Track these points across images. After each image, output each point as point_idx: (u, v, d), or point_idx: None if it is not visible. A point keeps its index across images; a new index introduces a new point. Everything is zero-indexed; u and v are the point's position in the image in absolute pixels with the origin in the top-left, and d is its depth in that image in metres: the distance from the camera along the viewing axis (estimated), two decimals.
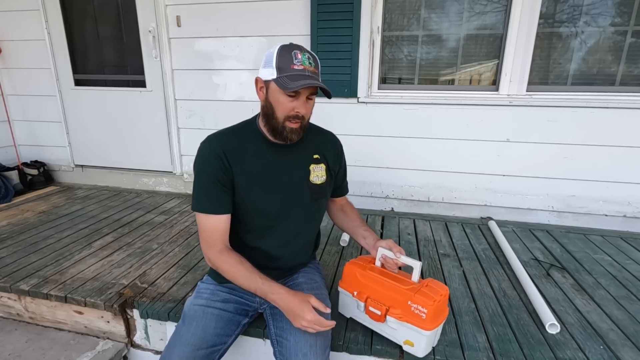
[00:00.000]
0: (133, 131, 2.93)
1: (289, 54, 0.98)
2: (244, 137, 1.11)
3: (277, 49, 0.99)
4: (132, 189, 3.03)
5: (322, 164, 1.19)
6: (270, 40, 2.45)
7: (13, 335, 1.57)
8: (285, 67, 0.97)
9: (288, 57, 0.98)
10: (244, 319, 1.20)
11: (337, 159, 1.25)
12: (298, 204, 1.15)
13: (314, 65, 1.01)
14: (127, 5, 2.65)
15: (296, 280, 1.26)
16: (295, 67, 0.97)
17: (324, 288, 1.28)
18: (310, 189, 1.16)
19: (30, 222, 2.30)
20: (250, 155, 1.09)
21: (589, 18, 2.11)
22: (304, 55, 0.99)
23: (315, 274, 1.31)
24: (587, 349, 1.24)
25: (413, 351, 1.17)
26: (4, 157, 3.07)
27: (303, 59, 0.98)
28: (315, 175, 1.17)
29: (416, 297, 1.09)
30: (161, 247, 1.97)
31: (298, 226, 1.19)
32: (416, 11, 2.31)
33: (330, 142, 1.25)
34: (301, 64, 0.98)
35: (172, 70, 2.68)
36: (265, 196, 1.11)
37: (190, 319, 1.11)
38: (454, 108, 2.33)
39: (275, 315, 1.15)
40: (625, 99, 2.12)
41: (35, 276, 1.66)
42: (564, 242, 2.09)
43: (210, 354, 1.07)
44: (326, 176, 1.20)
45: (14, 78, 3.03)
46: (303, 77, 0.97)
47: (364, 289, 1.22)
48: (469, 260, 1.87)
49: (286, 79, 0.96)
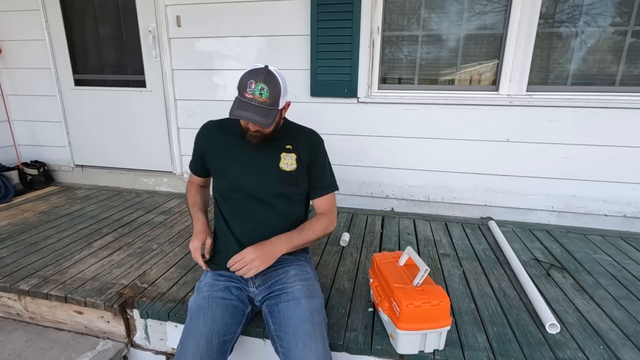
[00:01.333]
0: (133, 131, 2.93)
1: (247, 81, 1.10)
2: (231, 125, 1.29)
3: (247, 70, 1.12)
4: (132, 189, 3.03)
5: (292, 153, 1.27)
6: (270, 40, 2.45)
7: (13, 335, 1.57)
8: (241, 90, 1.11)
9: (245, 82, 1.10)
10: (247, 308, 1.25)
11: (310, 150, 1.30)
12: (267, 185, 1.26)
13: (265, 95, 1.10)
14: (127, 5, 2.65)
15: (288, 273, 1.26)
16: (246, 94, 1.10)
17: (315, 280, 1.31)
18: (279, 175, 1.26)
19: (30, 222, 2.30)
20: (230, 138, 1.29)
21: (589, 18, 2.11)
22: (257, 86, 1.09)
23: (306, 266, 1.34)
24: (587, 349, 1.24)
25: (393, 344, 1.24)
26: (4, 157, 3.07)
27: (255, 89, 1.09)
28: (285, 163, 1.27)
29: (397, 295, 1.17)
30: (161, 247, 1.97)
31: (268, 210, 1.26)
32: (416, 11, 2.31)
33: (305, 137, 1.33)
34: (251, 94, 1.09)
35: (172, 70, 2.68)
36: (237, 172, 1.26)
37: (197, 311, 1.14)
38: (454, 108, 2.33)
39: (273, 312, 1.17)
40: (625, 99, 2.12)
41: (35, 276, 1.66)
42: (564, 242, 2.09)
43: (223, 344, 1.10)
44: (296, 165, 1.27)
45: (14, 78, 3.03)
46: (247, 105, 1.10)
47: (377, 280, 1.38)
48: (469, 260, 1.87)
49: (235, 104, 1.12)
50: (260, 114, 1.10)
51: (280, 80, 1.12)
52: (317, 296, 1.22)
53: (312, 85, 2.43)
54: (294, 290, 1.19)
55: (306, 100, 2.48)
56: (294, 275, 1.25)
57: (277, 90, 1.11)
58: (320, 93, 2.44)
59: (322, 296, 1.25)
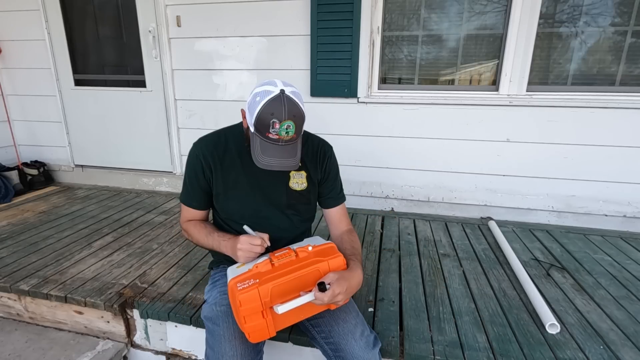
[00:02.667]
0: (133, 131, 2.93)
1: (269, 120, 0.96)
2: (229, 140, 1.19)
3: (263, 103, 0.96)
4: (132, 189, 3.03)
5: (302, 171, 1.21)
6: (270, 40, 2.45)
7: (13, 335, 1.57)
8: (262, 130, 0.98)
9: (266, 121, 0.97)
10: None
11: (321, 166, 1.24)
12: (275, 207, 1.20)
13: (293, 132, 0.99)
14: (127, 5, 2.65)
15: None
16: (270, 135, 0.98)
17: None
18: (287, 194, 1.20)
19: (30, 222, 2.30)
20: (232, 158, 1.17)
21: (589, 18, 2.11)
22: (283, 126, 0.97)
23: None
24: (587, 349, 1.24)
25: None
26: (4, 157, 3.07)
27: (280, 130, 0.97)
28: (295, 182, 1.20)
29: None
30: (161, 247, 1.97)
31: (276, 230, 1.19)
32: (416, 11, 2.31)
33: (315, 151, 1.24)
34: (276, 134, 0.98)
35: (172, 70, 2.68)
36: (244, 196, 1.18)
37: (223, 317, 1.09)
38: (454, 108, 2.33)
39: None
40: (625, 99, 2.12)
41: (35, 276, 1.66)
42: (564, 242, 2.09)
43: (257, 344, 1.08)
44: (307, 184, 1.22)
45: (14, 78, 3.03)
46: (274, 149, 1.00)
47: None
48: (469, 260, 1.87)
49: (259, 147, 1.01)
50: (290, 154, 1.01)
51: (301, 104, 1.00)
52: None
53: (312, 85, 2.43)
54: None
55: (306, 100, 2.47)
56: None
57: (302, 117, 1.01)
58: (321, 93, 2.44)
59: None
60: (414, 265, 1.81)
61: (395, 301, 1.50)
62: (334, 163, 1.29)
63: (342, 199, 1.31)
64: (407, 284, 1.63)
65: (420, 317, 1.40)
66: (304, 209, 1.25)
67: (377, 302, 1.50)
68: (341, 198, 1.31)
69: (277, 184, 1.19)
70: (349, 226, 1.29)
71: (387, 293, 1.56)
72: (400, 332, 1.32)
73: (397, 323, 1.37)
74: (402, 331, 1.32)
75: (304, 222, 1.30)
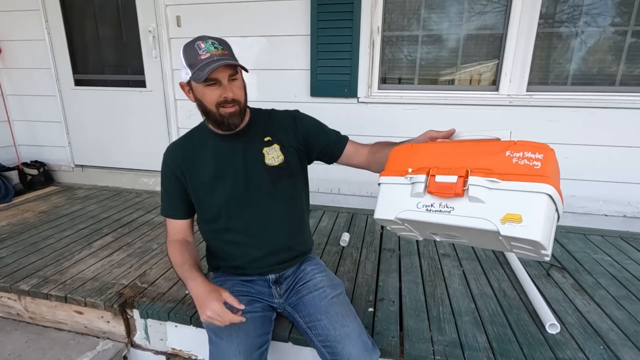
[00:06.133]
0: (133, 131, 2.93)
1: (193, 48, 0.99)
2: (196, 139, 1.18)
3: (182, 48, 1.02)
4: (132, 189, 3.03)
5: (274, 144, 1.17)
6: (270, 40, 2.45)
7: (13, 335, 1.57)
8: (194, 61, 0.99)
9: (193, 51, 0.99)
10: (273, 315, 1.24)
11: (289, 131, 1.19)
12: (258, 190, 1.15)
13: (221, 48, 1.01)
14: (127, 5, 2.65)
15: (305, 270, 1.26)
16: (202, 57, 0.98)
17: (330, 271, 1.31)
18: (267, 173, 1.15)
19: (30, 222, 2.30)
20: (203, 156, 1.15)
21: (589, 18, 2.11)
22: (207, 43, 0.99)
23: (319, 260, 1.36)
24: (587, 349, 1.24)
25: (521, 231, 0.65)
26: (4, 157, 3.06)
27: (207, 47, 0.99)
28: (271, 157, 1.16)
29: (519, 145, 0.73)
30: (161, 247, 1.97)
31: (265, 212, 1.17)
32: (416, 11, 2.31)
33: (279, 119, 1.21)
34: (207, 52, 0.98)
35: (172, 70, 2.68)
36: (224, 191, 1.14)
37: (227, 330, 1.07)
38: (454, 108, 2.33)
39: (299, 306, 1.18)
40: (625, 99, 2.12)
41: (35, 276, 1.66)
42: (564, 242, 2.09)
43: (261, 356, 1.09)
44: (283, 156, 1.17)
45: (14, 78, 3.03)
46: (212, 62, 0.97)
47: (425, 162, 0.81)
48: (469, 260, 1.87)
49: (198, 72, 0.98)
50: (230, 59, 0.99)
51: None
52: (339, 284, 1.25)
53: (312, 86, 2.43)
54: (316, 281, 1.20)
55: (306, 100, 2.48)
56: (312, 270, 1.26)
57: (227, 44, 1.04)
58: (320, 93, 2.44)
59: (342, 284, 1.27)
60: (414, 265, 1.81)
61: (395, 301, 1.50)
62: (308, 119, 1.24)
63: (345, 138, 1.26)
64: (407, 284, 1.63)
65: (420, 317, 1.40)
66: (288, 183, 1.18)
67: (377, 302, 1.50)
68: (343, 138, 1.26)
69: (254, 166, 1.14)
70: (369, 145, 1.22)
71: (387, 293, 1.56)
72: (400, 332, 1.32)
73: (397, 323, 1.37)
74: (402, 331, 1.32)
75: (295, 202, 1.23)
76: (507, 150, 0.70)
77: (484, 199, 0.68)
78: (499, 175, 0.68)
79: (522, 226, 0.65)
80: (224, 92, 1.02)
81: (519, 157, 0.69)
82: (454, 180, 0.70)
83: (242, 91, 1.08)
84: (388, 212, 0.81)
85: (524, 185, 0.67)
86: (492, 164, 0.69)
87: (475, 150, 0.74)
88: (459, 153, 0.76)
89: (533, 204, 0.66)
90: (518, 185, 0.67)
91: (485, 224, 0.67)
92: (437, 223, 0.73)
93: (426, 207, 0.75)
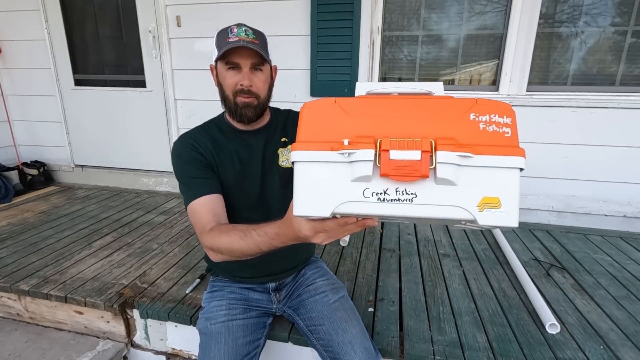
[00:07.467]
0: (133, 131, 2.93)
1: (226, 31, 0.99)
2: (212, 131, 1.10)
3: (217, 32, 1.01)
4: (132, 189, 3.03)
5: (289, 146, 1.12)
6: (270, 40, 2.42)
7: (13, 335, 1.57)
8: (222, 43, 0.97)
9: (224, 33, 0.98)
10: (268, 319, 1.23)
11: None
12: (270, 193, 1.12)
13: (253, 36, 0.99)
14: (127, 5, 2.65)
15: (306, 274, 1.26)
16: (230, 39, 0.96)
17: (332, 274, 1.30)
18: (279, 175, 1.11)
19: (30, 222, 2.30)
20: (228, 153, 1.08)
21: (589, 18, 2.11)
22: (240, 28, 0.98)
23: (320, 263, 1.35)
24: (587, 349, 1.24)
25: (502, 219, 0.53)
26: (4, 157, 3.07)
27: (239, 32, 0.97)
28: (285, 159, 1.11)
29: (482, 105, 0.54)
30: (161, 247, 1.97)
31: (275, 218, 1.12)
32: (416, 11, 2.31)
33: (291, 119, 1.18)
34: (236, 36, 0.96)
35: (172, 70, 2.68)
36: (241, 192, 1.09)
37: (216, 337, 1.07)
38: None
39: (300, 310, 1.17)
40: (625, 99, 2.12)
41: (35, 276, 1.66)
42: (564, 242, 2.09)
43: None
44: None
45: (14, 78, 3.03)
46: (237, 44, 0.95)
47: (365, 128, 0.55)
48: (469, 260, 1.87)
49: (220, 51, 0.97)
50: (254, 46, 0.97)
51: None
52: (341, 287, 1.24)
53: (312, 85, 2.43)
54: (317, 285, 1.20)
55: (306, 100, 2.47)
56: (312, 274, 1.25)
57: (263, 37, 1.01)
58: (321, 93, 2.44)
59: (344, 286, 1.25)
60: (414, 265, 1.81)
61: (395, 301, 1.50)
62: None
63: None
64: (407, 284, 1.63)
65: (420, 317, 1.40)
66: None
67: (377, 302, 1.50)
68: None
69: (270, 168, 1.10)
70: None
71: (387, 293, 1.56)
72: (400, 332, 1.32)
73: (397, 323, 1.37)
74: (402, 331, 1.32)
75: None
76: (470, 112, 0.53)
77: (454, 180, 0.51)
78: (469, 148, 0.51)
79: (501, 212, 0.52)
80: (242, 80, 0.99)
81: (486, 121, 0.53)
82: (418, 157, 0.51)
83: (265, 85, 1.05)
84: (318, 206, 0.55)
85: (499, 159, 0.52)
86: (456, 131, 0.53)
87: (430, 111, 0.55)
88: (408, 115, 0.55)
89: (510, 183, 0.53)
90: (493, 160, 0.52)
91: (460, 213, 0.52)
92: (394, 215, 0.54)
93: (377, 195, 0.53)
